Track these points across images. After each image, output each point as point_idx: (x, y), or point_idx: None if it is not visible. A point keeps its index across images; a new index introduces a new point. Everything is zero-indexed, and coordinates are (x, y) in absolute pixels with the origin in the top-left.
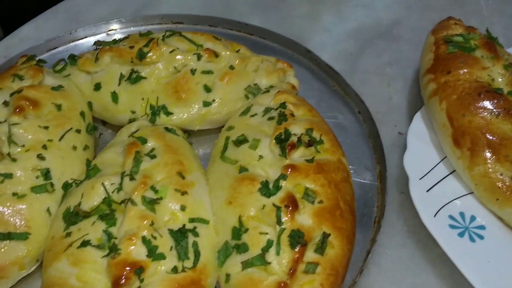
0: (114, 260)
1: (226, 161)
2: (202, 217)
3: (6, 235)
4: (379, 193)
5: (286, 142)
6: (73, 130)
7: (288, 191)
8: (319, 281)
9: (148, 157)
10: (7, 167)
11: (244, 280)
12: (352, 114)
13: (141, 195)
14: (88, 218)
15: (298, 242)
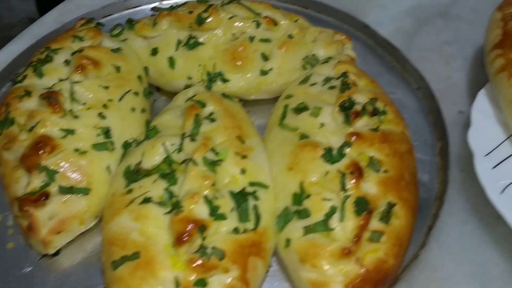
0: (177, 217)
1: (285, 128)
2: (262, 182)
3: (68, 189)
4: (439, 170)
5: (350, 110)
6: (132, 92)
7: (352, 158)
8: (383, 250)
9: (208, 120)
10: (69, 123)
11: (305, 245)
12: (410, 90)
13: (202, 156)
14: (149, 177)
15: (364, 209)
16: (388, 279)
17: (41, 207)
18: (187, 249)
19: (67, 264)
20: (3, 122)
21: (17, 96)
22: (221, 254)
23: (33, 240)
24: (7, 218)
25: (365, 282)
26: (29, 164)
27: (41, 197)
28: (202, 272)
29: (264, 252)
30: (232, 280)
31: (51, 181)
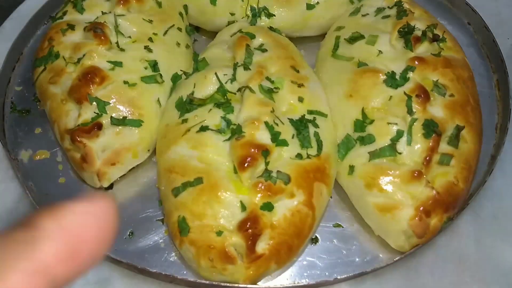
0: (239, 142)
1: (340, 58)
2: (320, 110)
3: (120, 120)
4: (498, 101)
5: (410, 35)
6: (175, 27)
7: (417, 81)
8: (453, 173)
9: (259, 51)
10: (116, 55)
11: (371, 170)
12: (460, 25)
13: (258, 84)
14: (203, 106)
15: (433, 132)
16: (458, 203)
17: (94, 138)
18: (251, 174)
19: (121, 198)
20: (47, 56)
21: (60, 30)
22: (287, 178)
23: (87, 172)
24: (56, 154)
25: (436, 205)
26: (79, 96)
27: (94, 127)
28: (268, 196)
29: (328, 179)
30: (298, 204)
31: (103, 112)
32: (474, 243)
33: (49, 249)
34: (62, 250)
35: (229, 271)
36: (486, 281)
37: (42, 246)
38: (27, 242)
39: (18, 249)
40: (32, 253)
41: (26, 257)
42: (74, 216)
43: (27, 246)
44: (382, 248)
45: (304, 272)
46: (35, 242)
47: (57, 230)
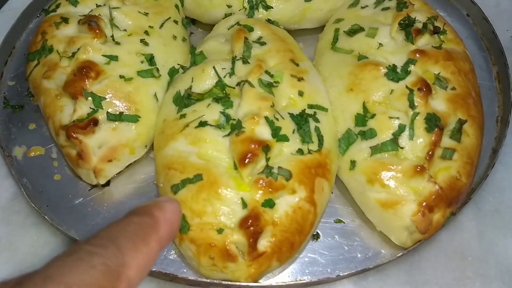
0: (239, 137)
1: (339, 51)
2: (321, 105)
3: (117, 116)
4: (498, 93)
5: (411, 27)
6: (171, 20)
7: (418, 75)
8: (456, 168)
9: (258, 44)
10: (111, 49)
11: (373, 165)
12: (459, 17)
13: (258, 78)
14: (202, 101)
15: (435, 126)
16: (461, 198)
17: (90, 134)
18: (251, 170)
19: (119, 195)
20: (40, 50)
21: (53, 24)
22: (288, 174)
23: (83, 169)
24: (50, 150)
25: (440, 200)
26: (74, 91)
27: (89, 123)
28: (269, 192)
29: (330, 174)
30: (299, 200)
31: (99, 108)
32: (477, 238)
33: (163, 231)
34: (167, 232)
35: (230, 269)
36: (489, 277)
37: (160, 228)
38: (150, 226)
39: (146, 230)
40: (156, 232)
41: (155, 235)
42: (169, 210)
43: (151, 229)
44: (384, 244)
45: (305, 269)
46: (155, 226)
47: (163, 219)
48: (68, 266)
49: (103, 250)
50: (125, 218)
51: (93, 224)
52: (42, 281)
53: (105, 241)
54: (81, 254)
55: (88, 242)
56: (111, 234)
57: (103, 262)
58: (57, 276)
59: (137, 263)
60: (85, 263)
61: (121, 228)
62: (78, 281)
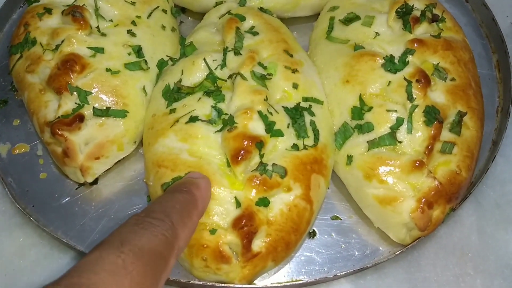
0: (232, 133)
1: (334, 41)
2: (316, 97)
3: (104, 111)
4: (498, 83)
5: (408, 16)
6: (160, 9)
7: (417, 66)
8: (455, 162)
9: (250, 34)
10: (97, 41)
11: (371, 160)
12: (458, 3)
13: (250, 70)
14: (192, 95)
15: (434, 119)
16: (461, 193)
17: (76, 131)
18: (245, 167)
19: (107, 193)
20: (23, 43)
21: (36, 15)
22: (283, 171)
23: (70, 167)
24: (36, 147)
25: (439, 196)
26: (58, 85)
27: (75, 119)
28: (264, 190)
29: (326, 170)
30: (295, 198)
31: (85, 103)
32: (477, 233)
33: (201, 206)
34: (203, 207)
35: (224, 271)
36: (490, 273)
37: (198, 205)
38: (191, 203)
39: (189, 207)
40: (196, 208)
41: (196, 212)
42: (204, 187)
43: (193, 206)
44: (382, 241)
45: (302, 269)
46: (195, 203)
47: (200, 196)
48: (138, 233)
49: (162, 223)
50: (171, 195)
51: (81, 224)
52: (120, 242)
53: (162, 215)
54: (145, 225)
55: (148, 215)
56: (165, 209)
57: (162, 233)
58: (130, 240)
59: (185, 235)
60: (149, 232)
61: (171, 205)
62: (145, 245)
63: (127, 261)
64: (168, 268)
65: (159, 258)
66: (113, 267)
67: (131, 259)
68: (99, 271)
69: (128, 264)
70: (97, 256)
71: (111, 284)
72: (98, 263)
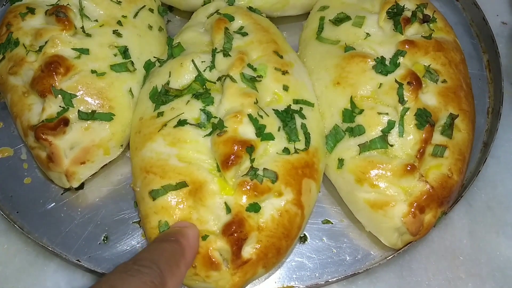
0: (221, 138)
1: (325, 41)
2: (307, 99)
3: (90, 114)
4: (489, 83)
5: (399, 16)
6: (146, 8)
7: (408, 67)
8: (447, 166)
9: (239, 35)
10: (82, 42)
11: (362, 164)
12: (448, 1)
13: (240, 72)
14: (180, 97)
15: (426, 122)
16: (452, 197)
17: (61, 135)
18: (235, 172)
19: (93, 198)
20: (5, 44)
21: (19, 15)
22: (274, 176)
23: (55, 172)
24: (19, 151)
25: (431, 200)
26: (42, 88)
27: (59, 123)
28: (255, 196)
29: (317, 174)
30: (286, 203)
31: (69, 106)
32: (468, 236)
33: (188, 255)
34: (191, 256)
35: (213, 278)
36: (482, 277)
37: (186, 254)
38: (179, 252)
39: (176, 256)
40: (184, 258)
41: (183, 261)
42: (191, 236)
43: (180, 255)
44: (374, 245)
45: (293, 274)
46: (183, 253)
47: (188, 246)
48: (126, 280)
49: (150, 270)
50: (158, 244)
51: (67, 231)
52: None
53: (149, 263)
54: (133, 272)
55: (136, 263)
56: (153, 257)
57: (151, 281)
58: (119, 286)
59: (173, 284)
60: (137, 279)
61: (159, 253)
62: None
63: None
64: None
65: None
66: None
67: None
68: None
69: None
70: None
71: None
72: None
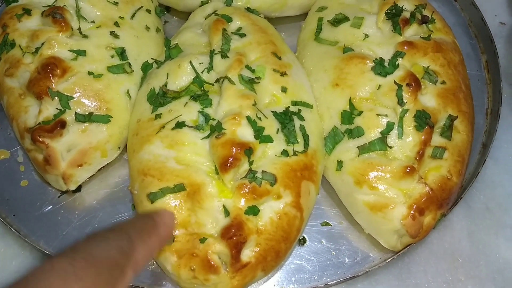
0: (220, 140)
1: (323, 42)
2: (305, 101)
3: (87, 116)
4: (488, 84)
5: (398, 17)
6: (143, 9)
7: (407, 69)
8: (446, 167)
9: (237, 36)
10: (79, 43)
11: (361, 166)
12: (446, 2)
13: (238, 74)
14: (178, 99)
15: (425, 123)
16: (452, 199)
17: (58, 137)
18: (233, 175)
19: (91, 201)
20: (1, 45)
21: (15, 16)
22: (273, 179)
23: (51, 175)
24: (16, 153)
25: (430, 202)
26: (38, 90)
27: (56, 126)
28: (253, 198)
29: (316, 176)
30: (285, 206)
31: (66, 108)
32: (467, 238)
33: (162, 230)
34: (165, 233)
35: (212, 282)
36: (481, 279)
37: (159, 229)
38: (151, 226)
39: (149, 228)
40: (156, 231)
41: (155, 233)
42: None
43: (153, 228)
44: (373, 247)
45: (292, 277)
46: (155, 226)
47: (162, 222)
48: (93, 244)
49: (118, 237)
50: (132, 219)
51: (64, 234)
52: (72, 252)
53: (119, 231)
54: (102, 238)
55: (106, 232)
56: (123, 227)
57: (118, 245)
58: (84, 249)
59: (143, 250)
60: (105, 243)
61: (130, 224)
62: (99, 254)
63: (78, 267)
64: (125, 279)
65: (114, 267)
66: (63, 272)
67: (83, 265)
68: (48, 277)
69: (79, 270)
70: (48, 264)
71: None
72: (48, 270)
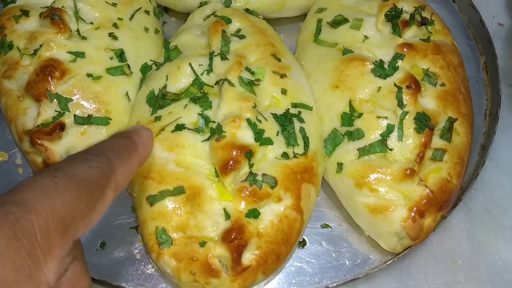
0: (220, 143)
1: (323, 44)
2: (305, 103)
3: (86, 119)
4: (486, 85)
5: (398, 19)
6: (142, 10)
7: (407, 71)
8: (446, 169)
9: (237, 37)
10: (77, 45)
11: (361, 168)
12: (445, 3)
13: (238, 76)
14: (178, 101)
15: (425, 126)
16: (452, 201)
17: (56, 140)
18: (234, 178)
19: None
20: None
21: (13, 17)
22: (273, 181)
23: None
24: (14, 156)
25: (430, 204)
26: (37, 92)
27: (55, 128)
28: (254, 201)
29: (316, 178)
30: (285, 209)
31: (65, 110)
32: (467, 240)
33: (141, 150)
34: (144, 152)
35: (213, 285)
36: (480, 281)
37: (138, 148)
38: (130, 146)
39: (128, 149)
40: (135, 151)
41: (134, 154)
42: (145, 135)
43: (132, 148)
44: (373, 249)
45: (292, 280)
46: (134, 146)
47: (141, 142)
48: (73, 164)
49: (98, 158)
50: (110, 139)
51: None
52: (54, 170)
53: (99, 153)
54: (82, 159)
55: (85, 152)
56: (102, 148)
57: (98, 166)
58: (65, 168)
59: (122, 171)
60: (85, 164)
61: (110, 145)
62: (80, 173)
63: (59, 183)
64: (105, 199)
65: (94, 186)
66: (46, 187)
67: (64, 182)
68: (32, 190)
69: (60, 185)
70: (31, 180)
71: (43, 202)
72: (31, 185)
